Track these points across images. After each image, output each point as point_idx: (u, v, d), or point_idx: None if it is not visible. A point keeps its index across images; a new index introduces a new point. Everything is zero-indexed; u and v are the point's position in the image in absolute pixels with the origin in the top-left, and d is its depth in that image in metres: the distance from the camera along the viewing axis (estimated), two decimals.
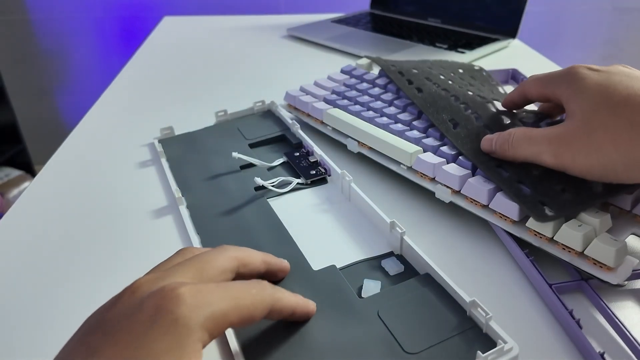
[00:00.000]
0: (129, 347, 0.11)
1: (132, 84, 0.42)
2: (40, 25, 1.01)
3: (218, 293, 0.13)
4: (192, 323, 0.12)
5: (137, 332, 0.12)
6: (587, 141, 0.18)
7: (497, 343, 0.15)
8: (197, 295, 0.13)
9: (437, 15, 0.54)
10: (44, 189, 0.27)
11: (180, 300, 0.12)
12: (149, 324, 0.12)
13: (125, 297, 0.13)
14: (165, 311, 0.12)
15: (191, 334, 0.12)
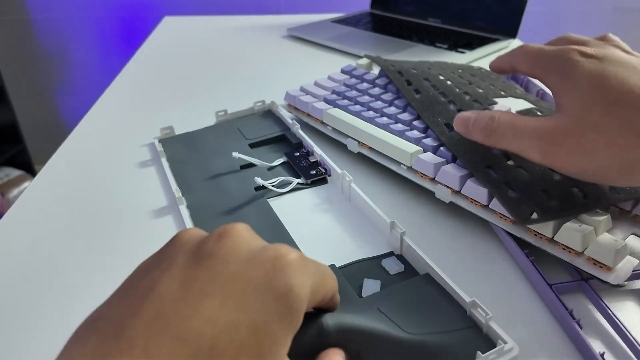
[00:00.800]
0: (241, 304, 0.10)
1: (133, 83, 0.42)
2: (41, 25, 1.01)
3: (314, 266, 0.12)
4: (302, 293, 0.11)
5: (251, 288, 0.10)
6: (580, 142, 0.16)
7: (497, 343, 0.15)
8: (305, 264, 0.11)
9: (437, 15, 0.54)
10: (44, 189, 0.27)
11: (295, 265, 0.11)
12: (265, 283, 0.10)
13: (227, 238, 0.11)
14: (282, 274, 0.11)
15: (301, 306, 0.11)
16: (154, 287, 0.10)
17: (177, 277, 0.10)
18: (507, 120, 0.18)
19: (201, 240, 0.12)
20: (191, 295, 0.10)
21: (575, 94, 0.17)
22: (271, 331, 0.10)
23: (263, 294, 0.10)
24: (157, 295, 0.10)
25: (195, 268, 0.11)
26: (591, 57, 0.17)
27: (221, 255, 0.11)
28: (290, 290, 0.11)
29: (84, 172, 0.29)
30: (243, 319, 0.10)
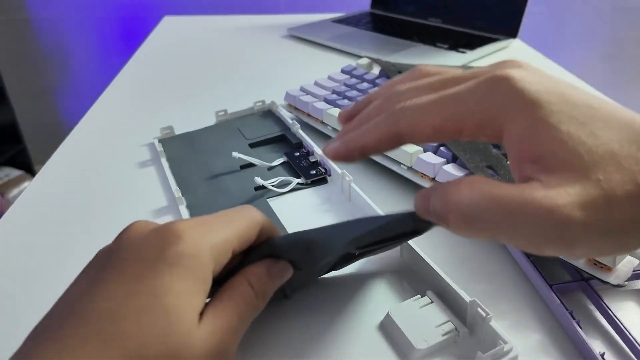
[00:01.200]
0: (135, 277, 0.11)
1: (132, 83, 0.42)
2: (41, 25, 1.01)
3: (216, 223, 0.13)
4: (198, 252, 0.12)
5: (144, 265, 0.12)
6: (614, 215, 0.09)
7: (497, 343, 0.15)
8: (196, 227, 0.13)
9: (438, 15, 0.54)
10: (43, 189, 0.27)
11: (182, 233, 0.12)
12: (155, 258, 0.12)
13: (125, 234, 0.13)
14: (170, 244, 0.12)
15: (200, 263, 0.12)
16: (68, 289, 0.12)
17: (85, 277, 0.13)
18: (486, 196, 0.10)
19: (103, 248, 0.14)
20: (93, 285, 0.12)
21: (566, 138, 0.10)
22: (173, 290, 0.11)
23: (156, 266, 0.12)
24: (68, 293, 0.12)
25: (98, 267, 0.13)
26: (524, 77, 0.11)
27: (117, 249, 0.13)
28: (181, 255, 0.12)
29: (84, 172, 0.29)
30: (139, 287, 0.11)
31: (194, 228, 0.13)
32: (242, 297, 0.13)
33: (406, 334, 0.16)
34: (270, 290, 0.15)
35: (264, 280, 0.14)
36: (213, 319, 0.12)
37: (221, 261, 0.13)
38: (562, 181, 0.10)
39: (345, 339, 0.17)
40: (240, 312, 0.13)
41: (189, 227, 0.13)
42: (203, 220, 0.13)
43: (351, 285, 0.19)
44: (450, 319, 0.17)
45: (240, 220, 0.14)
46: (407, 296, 0.18)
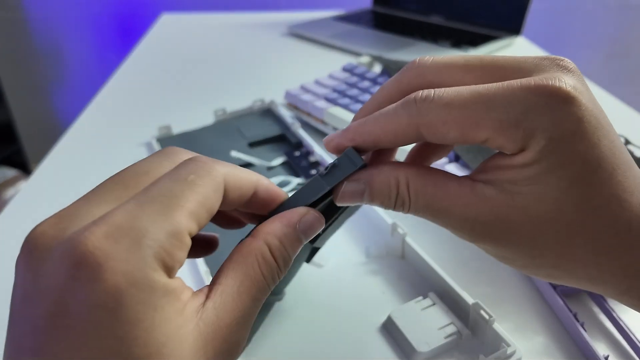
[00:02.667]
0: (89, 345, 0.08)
1: (130, 82, 0.42)
2: (37, 23, 1.00)
3: (149, 209, 0.09)
4: (138, 274, 0.08)
5: (79, 321, 0.08)
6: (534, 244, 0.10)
7: (500, 346, 0.15)
8: (121, 231, 0.08)
9: (440, 12, 0.54)
10: (39, 189, 0.27)
11: (97, 258, 0.08)
12: (84, 309, 0.08)
13: (24, 263, 0.09)
14: (90, 284, 0.08)
15: (150, 285, 0.08)
16: None
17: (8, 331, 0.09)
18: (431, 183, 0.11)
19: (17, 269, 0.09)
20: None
21: (551, 184, 0.10)
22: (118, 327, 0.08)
23: (94, 320, 0.08)
24: None
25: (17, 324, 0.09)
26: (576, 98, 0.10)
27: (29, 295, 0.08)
28: (114, 293, 0.08)
29: (80, 171, 0.28)
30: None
31: (117, 237, 0.08)
32: (259, 269, 0.10)
33: (408, 336, 0.16)
34: (296, 252, 0.11)
35: (287, 240, 0.10)
36: (219, 311, 0.09)
37: (178, 258, 0.09)
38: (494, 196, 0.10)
39: (346, 341, 0.16)
40: (256, 292, 0.10)
41: (107, 241, 0.08)
42: (127, 214, 0.08)
43: (352, 286, 0.19)
44: (453, 321, 0.16)
45: (189, 193, 0.09)
46: (409, 298, 0.18)
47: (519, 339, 0.16)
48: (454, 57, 0.11)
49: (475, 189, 0.11)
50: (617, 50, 1.07)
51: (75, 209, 0.09)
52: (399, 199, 0.11)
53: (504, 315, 0.18)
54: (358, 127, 0.12)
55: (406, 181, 0.11)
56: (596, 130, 0.10)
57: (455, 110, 0.10)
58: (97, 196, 0.09)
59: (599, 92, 0.39)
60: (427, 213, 0.11)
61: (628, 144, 0.24)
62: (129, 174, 0.10)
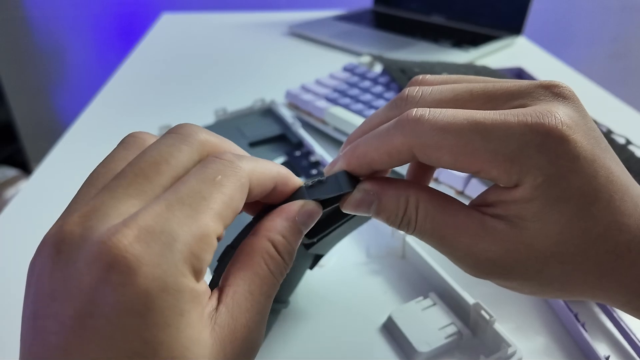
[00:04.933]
0: (111, 347, 0.08)
1: (130, 81, 0.42)
2: (37, 22, 1.00)
3: (177, 212, 0.09)
4: (168, 280, 0.08)
5: (105, 323, 0.08)
6: (540, 276, 0.11)
7: (501, 346, 0.15)
8: (152, 234, 0.08)
9: (441, 11, 0.54)
10: (40, 189, 0.27)
11: (132, 261, 0.08)
12: (113, 312, 0.08)
13: (53, 263, 0.08)
14: (122, 287, 0.08)
15: (177, 291, 0.08)
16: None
17: (28, 328, 0.09)
18: (422, 217, 0.11)
19: (42, 265, 0.09)
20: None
21: (553, 220, 0.10)
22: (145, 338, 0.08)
23: (121, 323, 0.08)
24: None
25: (40, 317, 0.08)
26: (571, 135, 0.10)
27: (56, 292, 0.08)
28: (145, 296, 0.08)
29: (81, 171, 0.28)
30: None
31: (149, 240, 0.08)
32: (267, 266, 0.10)
33: (408, 336, 0.16)
34: (298, 243, 0.11)
35: (290, 234, 0.11)
36: (234, 313, 0.09)
37: (204, 262, 0.09)
38: (504, 232, 0.10)
39: (347, 341, 0.16)
40: (267, 289, 0.10)
41: (141, 244, 0.08)
42: (157, 217, 0.08)
43: (353, 287, 0.19)
44: (453, 321, 0.16)
45: (216, 193, 0.09)
46: (410, 298, 0.18)
47: (520, 340, 0.16)
48: (443, 89, 0.11)
49: (484, 222, 0.11)
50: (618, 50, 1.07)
51: (101, 205, 0.09)
52: (405, 218, 0.11)
53: (505, 315, 0.18)
54: (351, 150, 0.12)
55: (416, 202, 0.11)
56: (592, 163, 0.10)
57: (450, 136, 0.10)
58: (120, 189, 0.09)
59: (600, 92, 0.39)
60: (431, 239, 0.11)
61: (629, 145, 0.24)
62: (148, 163, 0.10)
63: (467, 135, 0.10)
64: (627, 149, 0.23)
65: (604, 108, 0.36)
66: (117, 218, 0.09)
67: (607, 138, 0.24)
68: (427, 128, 0.10)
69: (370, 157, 0.11)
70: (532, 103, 0.10)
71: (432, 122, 0.10)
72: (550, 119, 0.10)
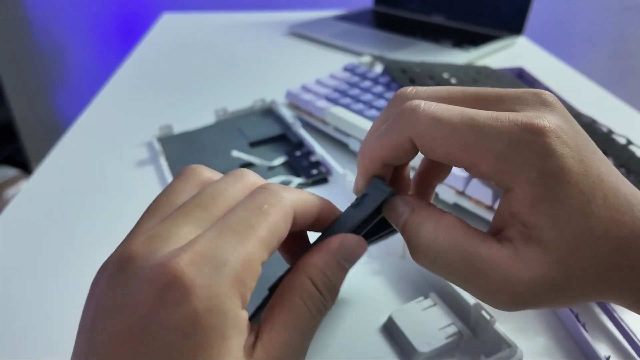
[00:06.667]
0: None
1: (131, 81, 0.42)
2: (37, 22, 1.00)
3: (228, 239, 0.09)
4: (216, 302, 0.09)
5: (152, 339, 0.08)
6: (572, 298, 0.11)
7: (502, 347, 0.15)
8: (205, 259, 0.09)
9: (442, 11, 0.54)
10: (40, 188, 0.27)
11: (186, 282, 0.09)
12: (162, 329, 0.08)
13: (115, 279, 0.09)
14: (175, 306, 0.08)
15: (223, 314, 0.09)
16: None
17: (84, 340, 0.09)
18: (458, 248, 0.11)
19: (99, 282, 0.10)
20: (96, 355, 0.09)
21: (565, 221, 0.10)
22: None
23: (168, 340, 0.09)
24: None
25: (98, 331, 0.09)
26: (559, 136, 0.10)
27: (113, 306, 0.09)
28: (194, 317, 0.09)
29: (81, 171, 0.28)
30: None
31: (202, 265, 0.09)
32: (303, 303, 0.10)
33: (409, 336, 0.16)
34: (341, 279, 0.11)
35: (329, 270, 0.11)
36: (268, 349, 0.09)
37: (249, 289, 0.09)
38: (536, 257, 0.10)
39: (347, 342, 0.16)
40: (302, 325, 0.10)
41: (195, 268, 0.09)
42: (211, 243, 0.09)
43: (353, 287, 0.19)
44: (454, 321, 0.16)
45: (263, 222, 0.10)
46: (410, 298, 0.18)
47: (520, 340, 0.16)
48: (437, 88, 0.12)
49: (518, 249, 0.11)
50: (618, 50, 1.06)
51: (163, 230, 0.10)
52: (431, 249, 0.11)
53: (505, 315, 0.18)
54: (362, 154, 0.12)
55: (445, 231, 0.11)
56: (581, 163, 0.10)
57: (444, 128, 0.11)
58: (181, 217, 0.10)
59: (600, 92, 0.39)
60: (459, 270, 0.11)
61: (629, 145, 0.24)
62: (206, 195, 0.11)
63: (460, 129, 0.10)
64: (627, 149, 0.23)
65: (604, 108, 0.36)
66: (176, 243, 0.10)
67: (607, 138, 0.24)
68: (422, 117, 0.11)
69: (379, 154, 0.12)
70: (521, 108, 0.11)
71: (428, 112, 0.11)
72: (539, 120, 0.10)
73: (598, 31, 1.03)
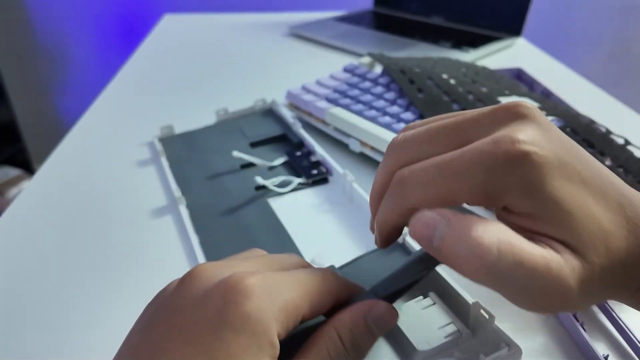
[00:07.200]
0: (198, 342, 0.10)
1: (132, 82, 0.42)
2: (40, 23, 1.01)
3: (287, 281, 0.12)
4: (265, 316, 0.11)
5: (206, 329, 0.10)
6: (593, 292, 0.11)
7: (501, 346, 0.15)
8: (266, 284, 0.11)
9: (441, 13, 0.54)
10: (42, 188, 0.27)
11: (249, 291, 0.11)
12: (218, 320, 0.10)
13: (188, 283, 0.12)
14: (235, 305, 0.10)
15: (266, 329, 0.11)
16: (126, 345, 0.12)
17: (145, 333, 0.11)
18: (514, 253, 0.10)
19: (164, 291, 0.12)
20: (154, 348, 0.11)
21: (570, 217, 0.10)
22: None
23: (219, 331, 0.10)
24: (127, 351, 0.11)
25: (158, 321, 0.11)
26: (534, 151, 0.11)
27: (177, 305, 0.11)
28: (246, 319, 0.11)
29: (83, 171, 0.28)
30: (201, 355, 0.10)
31: (263, 285, 0.11)
32: (327, 353, 0.11)
33: (408, 335, 0.16)
34: (368, 342, 0.12)
35: (356, 329, 0.12)
36: None
37: (288, 327, 0.11)
38: (571, 258, 0.11)
39: None
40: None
41: (257, 285, 0.11)
42: (271, 277, 0.12)
43: None
44: (453, 320, 0.16)
45: (312, 283, 0.12)
46: (409, 297, 0.18)
47: (519, 339, 0.17)
48: (420, 132, 0.13)
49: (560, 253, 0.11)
50: (617, 51, 1.07)
51: (226, 264, 0.12)
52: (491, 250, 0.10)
53: (505, 314, 0.18)
54: (377, 224, 0.14)
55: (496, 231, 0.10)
56: (562, 169, 0.11)
57: (428, 187, 0.12)
58: (246, 260, 0.13)
59: (599, 93, 0.39)
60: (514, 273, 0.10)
61: (628, 145, 0.24)
62: (268, 257, 0.14)
63: (438, 181, 0.11)
64: (626, 149, 0.23)
65: (602, 108, 0.36)
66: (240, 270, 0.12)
67: (605, 138, 0.24)
68: (409, 190, 0.12)
69: (390, 223, 0.13)
70: (495, 127, 0.11)
71: (412, 182, 0.12)
72: (506, 141, 0.11)
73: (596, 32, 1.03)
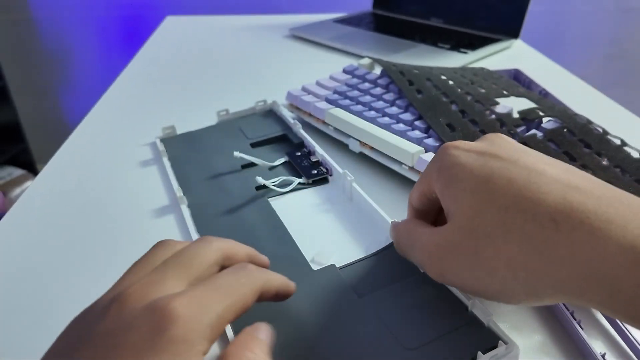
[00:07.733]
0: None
1: (135, 83, 0.42)
2: (43, 24, 1.01)
3: (212, 296, 0.12)
4: (191, 338, 0.11)
5: (133, 354, 0.11)
6: (476, 259, 0.14)
7: (498, 344, 0.15)
8: (191, 306, 0.12)
9: (440, 15, 0.54)
10: (45, 188, 0.27)
11: (174, 317, 0.11)
12: (144, 344, 0.11)
13: (114, 310, 0.12)
14: (161, 330, 0.11)
15: (191, 350, 0.11)
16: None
17: (62, 357, 0.12)
18: (405, 232, 0.17)
19: (89, 313, 0.13)
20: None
21: (460, 197, 0.14)
22: None
23: (146, 356, 0.11)
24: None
25: (81, 350, 0.11)
26: (468, 151, 0.15)
27: (105, 329, 0.12)
28: (173, 342, 0.11)
29: (86, 171, 0.29)
30: None
31: (189, 307, 0.12)
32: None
33: None
34: None
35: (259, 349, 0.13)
36: None
37: (215, 338, 0.12)
38: (445, 227, 0.15)
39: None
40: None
41: (184, 306, 0.12)
42: (197, 296, 0.12)
43: None
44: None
45: (238, 289, 0.13)
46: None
47: (517, 337, 0.17)
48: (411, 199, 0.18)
49: (439, 226, 0.16)
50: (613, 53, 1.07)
51: (155, 281, 0.13)
52: None
53: (502, 313, 0.18)
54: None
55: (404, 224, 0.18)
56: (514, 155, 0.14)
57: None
58: (169, 272, 0.13)
59: (596, 94, 0.40)
60: (406, 244, 0.18)
61: (624, 146, 0.24)
62: (186, 257, 0.14)
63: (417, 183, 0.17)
64: (622, 149, 0.24)
65: (598, 109, 0.36)
66: (168, 291, 0.12)
67: (602, 139, 0.24)
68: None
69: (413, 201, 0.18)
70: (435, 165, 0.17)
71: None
72: (442, 153, 0.16)
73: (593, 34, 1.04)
